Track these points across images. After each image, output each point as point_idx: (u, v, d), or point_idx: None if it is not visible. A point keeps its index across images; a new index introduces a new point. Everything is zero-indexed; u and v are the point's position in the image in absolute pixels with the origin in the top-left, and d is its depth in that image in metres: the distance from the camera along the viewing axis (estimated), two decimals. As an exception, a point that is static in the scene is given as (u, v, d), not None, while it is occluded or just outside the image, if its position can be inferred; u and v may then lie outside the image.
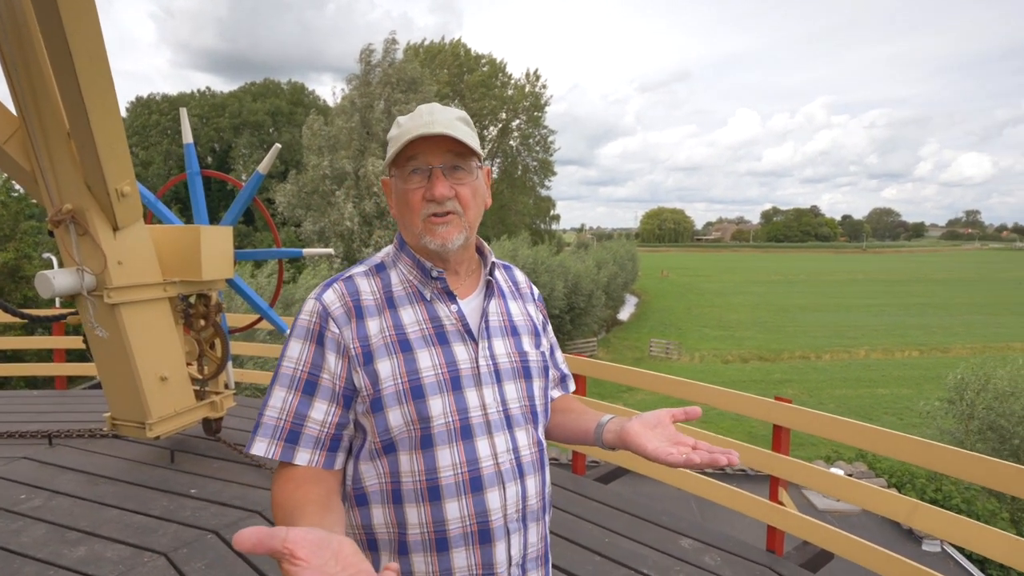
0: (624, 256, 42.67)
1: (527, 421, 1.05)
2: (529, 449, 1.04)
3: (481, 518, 0.97)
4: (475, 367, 1.01)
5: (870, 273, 76.64)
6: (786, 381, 24.31)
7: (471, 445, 0.98)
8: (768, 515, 2.92)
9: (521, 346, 1.09)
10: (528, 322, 1.14)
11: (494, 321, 1.07)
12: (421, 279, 1.04)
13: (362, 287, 1.03)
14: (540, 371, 1.10)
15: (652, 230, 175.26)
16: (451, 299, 1.04)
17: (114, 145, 2.60)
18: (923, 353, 29.31)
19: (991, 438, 10.52)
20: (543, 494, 1.07)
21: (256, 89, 40.28)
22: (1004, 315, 39.81)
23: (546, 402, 1.12)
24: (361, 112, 23.97)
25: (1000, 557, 2.16)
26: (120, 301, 2.86)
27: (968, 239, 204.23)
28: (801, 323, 37.32)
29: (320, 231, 23.49)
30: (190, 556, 2.52)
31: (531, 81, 39.58)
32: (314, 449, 0.97)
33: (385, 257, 1.09)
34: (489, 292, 1.09)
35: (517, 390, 1.05)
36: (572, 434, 1.17)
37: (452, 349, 1.01)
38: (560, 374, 1.28)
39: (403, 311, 1.02)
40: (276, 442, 0.97)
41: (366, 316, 1.00)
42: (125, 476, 3.32)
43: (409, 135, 0.98)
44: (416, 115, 1.02)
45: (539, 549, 1.07)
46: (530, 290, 1.22)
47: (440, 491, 0.96)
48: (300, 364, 0.99)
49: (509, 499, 1.00)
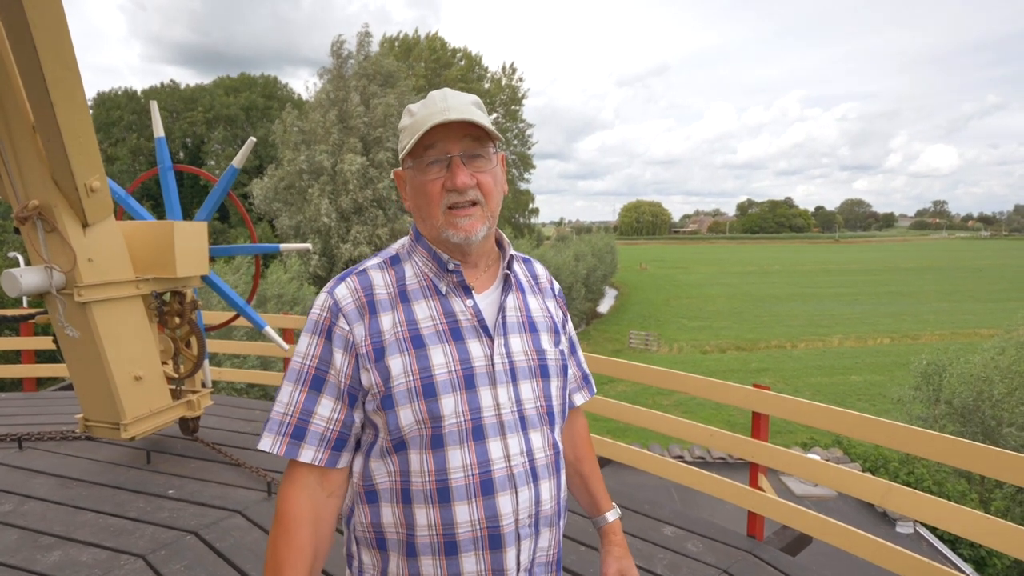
0: (603, 249, 42.98)
1: (543, 423, 1.01)
2: (544, 452, 1.00)
3: (492, 523, 0.94)
4: (490, 365, 0.97)
5: (843, 263, 78.41)
6: (763, 370, 24.79)
7: (483, 446, 0.94)
8: (748, 501, 2.97)
9: (539, 343, 1.04)
10: (547, 318, 1.09)
11: (511, 317, 1.03)
12: (437, 272, 1.00)
13: (376, 281, 1.00)
14: (558, 370, 1.06)
15: (630, 223, 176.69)
16: (467, 293, 1.00)
17: (82, 139, 2.52)
18: (894, 340, 30.15)
19: (963, 420, 10.88)
20: (558, 499, 1.03)
21: (229, 83, 39.44)
22: (970, 302, 41.14)
23: (564, 403, 1.08)
24: (338, 106, 23.62)
25: (969, 534, 2.24)
26: (91, 299, 2.79)
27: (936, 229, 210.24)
28: (777, 313, 38.05)
29: (296, 226, 23.14)
30: (169, 558, 2.48)
31: (508, 75, 39.50)
32: (319, 446, 0.96)
33: (400, 249, 1.06)
34: (507, 286, 1.04)
35: (533, 390, 1.01)
36: (578, 495, 1.26)
37: (467, 346, 0.97)
38: (582, 373, 1.24)
39: (417, 306, 0.98)
40: (282, 438, 0.95)
41: (379, 311, 0.97)
42: (99, 478, 3.24)
43: (426, 124, 0.93)
44: (430, 102, 0.98)
45: (550, 555, 1.04)
46: (550, 284, 1.17)
47: (450, 493, 0.93)
48: (308, 359, 0.97)
49: (521, 504, 0.96)
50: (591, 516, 1.24)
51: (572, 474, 1.23)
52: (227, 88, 38.51)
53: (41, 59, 2.20)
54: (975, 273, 61.88)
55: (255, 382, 5.44)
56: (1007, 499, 9.55)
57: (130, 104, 36.92)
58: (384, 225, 22.86)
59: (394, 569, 0.97)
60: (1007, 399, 10.39)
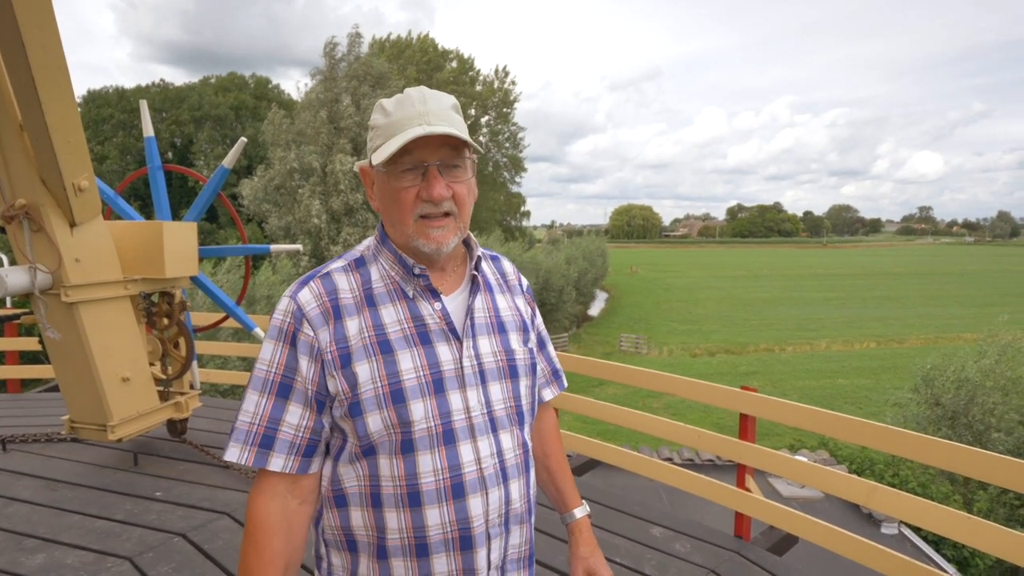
0: (594, 252, 43.09)
1: (512, 423, 1.02)
2: (514, 452, 1.01)
3: (463, 524, 0.95)
4: (459, 368, 0.97)
5: (830, 268, 79.19)
6: (752, 373, 24.96)
7: (454, 450, 0.95)
8: (736, 502, 3.00)
9: (508, 343, 1.04)
10: (516, 316, 1.09)
11: (480, 318, 1.03)
12: (403, 276, 0.99)
13: (340, 284, 0.97)
14: (527, 369, 1.06)
15: (621, 226, 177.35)
16: (435, 297, 0.99)
17: (70, 138, 2.50)
18: (880, 344, 30.50)
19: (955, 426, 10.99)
20: (528, 496, 1.04)
21: (219, 82, 39.18)
22: (954, 307, 41.70)
23: (533, 401, 1.09)
24: (328, 107, 23.55)
25: (952, 534, 2.28)
26: (78, 300, 2.76)
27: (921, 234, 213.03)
28: (765, 317, 38.36)
29: (286, 227, 23.00)
30: (156, 560, 2.46)
31: (500, 77, 39.57)
32: (288, 454, 0.95)
33: (365, 251, 1.03)
34: (475, 287, 1.04)
35: (503, 390, 1.01)
36: (547, 491, 1.26)
37: (435, 349, 0.96)
38: (552, 368, 1.24)
39: (384, 310, 0.97)
40: (249, 448, 0.94)
41: (344, 316, 0.95)
42: (86, 480, 3.21)
43: (407, 132, 0.89)
44: (407, 102, 0.93)
45: (522, 551, 1.05)
46: (518, 281, 1.16)
47: (420, 497, 0.93)
48: (273, 367, 0.95)
49: (492, 504, 0.97)
50: (559, 512, 1.24)
51: (540, 469, 1.23)
52: (216, 87, 38.25)
53: (29, 56, 2.18)
54: (959, 278, 62.77)
55: (242, 384, 5.40)
56: (990, 500, 9.68)
57: (120, 102, 36.57)
58: (374, 227, 22.78)
59: (364, 571, 0.97)
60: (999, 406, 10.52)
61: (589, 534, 1.21)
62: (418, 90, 0.96)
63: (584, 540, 1.20)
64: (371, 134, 0.97)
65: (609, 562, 2.65)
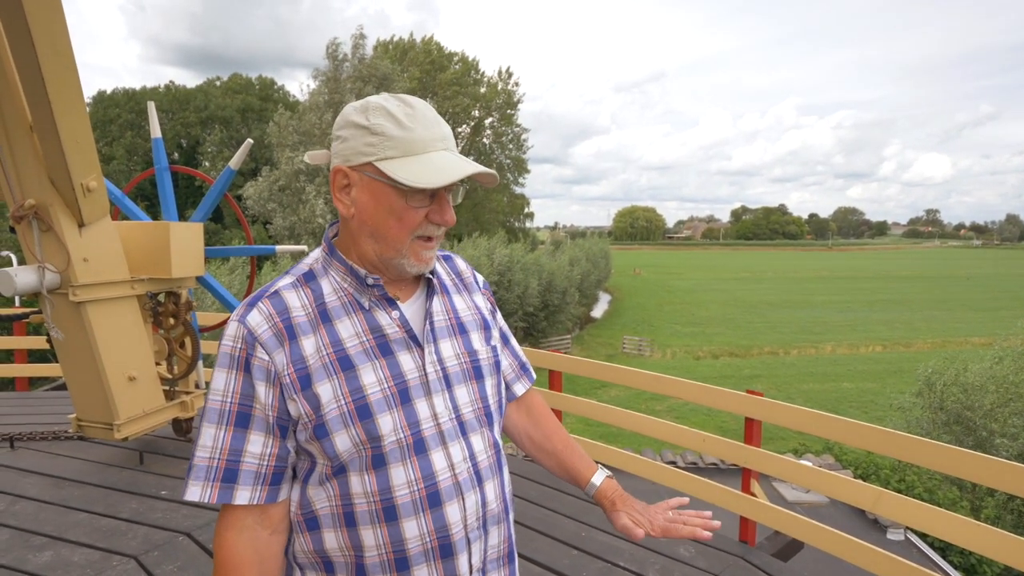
0: (597, 254, 43.06)
1: (481, 424, 1.01)
2: (486, 453, 1.00)
3: (441, 533, 0.93)
4: (423, 375, 0.95)
5: (836, 270, 78.89)
6: (756, 376, 24.87)
7: (426, 459, 0.93)
8: (741, 506, 2.99)
9: (470, 344, 1.03)
10: (476, 316, 1.07)
11: (439, 321, 1.00)
12: (356, 287, 0.95)
13: (291, 303, 0.92)
14: (491, 368, 1.05)
15: (625, 228, 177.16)
16: (391, 305, 0.96)
17: (79, 139, 2.52)
18: (886, 348, 30.33)
19: (956, 430, 10.94)
20: (503, 496, 1.03)
21: (227, 84, 39.39)
22: (961, 311, 41.44)
23: (500, 399, 1.07)
24: (334, 108, 23.65)
25: (961, 541, 2.26)
26: (86, 299, 2.78)
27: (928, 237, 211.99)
28: (770, 319, 38.22)
29: (291, 228, 23.12)
30: (161, 559, 2.47)
31: (504, 79, 39.63)
32: (255, 485, 0.90)
33: (314, 264, 0.98)
34: (431, 291, 1.02)
35: (469, 393, 0.99)
36: (559, 474, 1.20)
37: (397, 360, 0.94)
38: (518, 363, 1.22)
39: (340, 324, 0.93)
40: (212, 484, 0.89)
41: (299, 335, 0.90)
42: (92, 479, 3.23)
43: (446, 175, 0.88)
44: (419, 117, 0.91)
45: (501, 550, 1.04)
46: (474, 278, 1.14)
47: (396, 511, 0.91)
48: (228, 396, 0.90)
49: (469, 509, 0.96)
50: (580, 487, 1.18)
51: (545, 455, 1.21)
52: (223, 89, 38.47)
53: (40, 58, 2.20)
54: (967, 282, 62.41)
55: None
56: (998, 507, 9.61)
57: (128, 103, 36.84)
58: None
59: None
60: (1001, 410, 10.45)
61: (618, 492, 1.14)
62: (425, 104, 0.94)
63: (615, 498, 1.12)
64: (372, 139, 0.90)
65: (613, 567, 2.65)
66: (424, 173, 0.88)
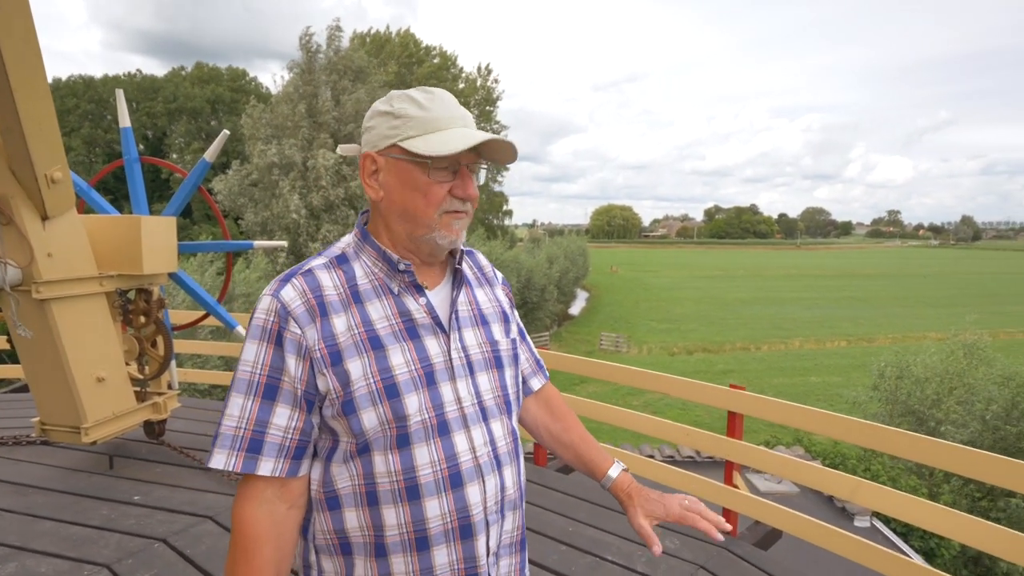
0: (575, 252, 43.33)
1: (501, 412, 1.04)
2: (505, 440, 1.03)
3: (462, 514, 0.95)
4: (448, 360, 0.98)
5: (803, 268, 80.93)
6: (728, 371, 25.37)
7: (448, 441, 0.95)
8: (723, 498, 3.03)
9: (491, 335, 1.06)
10: (497, 309, 1.11)
11: (463, 311, 1.04)
12: (388, 272, 0.99)
13: (324, 281, 0.96)
14: (511, 359, 1.09)
15: (602, 226, 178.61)
16: (420, 292, 1.00)
17: (43, 128, 2.39)
18: (850, 343, 31.27)
19: (910, 421, 11.38)
20: (519, 483, 1.06)
21: (194, 74, 38.28)
22: (920, 307, 42.96)
23: (518, 390, 1.11)
24: (307, 100, 23.19)
25: (928, 524, 2.36)
26: (51, 296, 2.65)
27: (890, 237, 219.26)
28: (741, 316, 39.01)
29: (263, 223, 22.59)
30: (136, 567, 2.38)
31: (483, 75, 39.42)
32: (278, 457, 0.92)
33: (346, 248, 1.02)
34: (458, 282, 1.06)
35: (490, 381, 1.03)
36: (576, 466, 1.23)
37: (424, 343, 0.97)
38: (534, 359, 1.26)
39: (370, 306, 0.96)
40: (236, 453, 0.91)
41: (331, 313, 0.93)
42: (58, 485, 3.09)
43: (468, 134, 0.94)
44: (438, 100, 0.96)
45: (514, 536, 1.06)
46: (494, 274, 1.19)
47: (419, 490, 0.93)
48: (258, 368, 0.92)
49: (489, 492, 0.98)
50: (596, 479, 1.20)
51: (563, 447, 1.23)
52: (192, 79, 37.38)
53: (1, 42, 2.08)
54: (924, 280, 64.70)
55: (223, 383, 5.28)
56: (953, 492, 10.03)
57: (87, 92, 35.48)
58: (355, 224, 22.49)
59: (361, 572, 0.96)
60: (946, 398, 10.89)
61: (634, 486, 1.14)
62: (445, 92, 0.99)
63: (632, 492, 1.13)
64: (395, 122, 0.96)
65: (601, 560, 2.65)
66: (441, 145, 0.93)
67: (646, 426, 3.35)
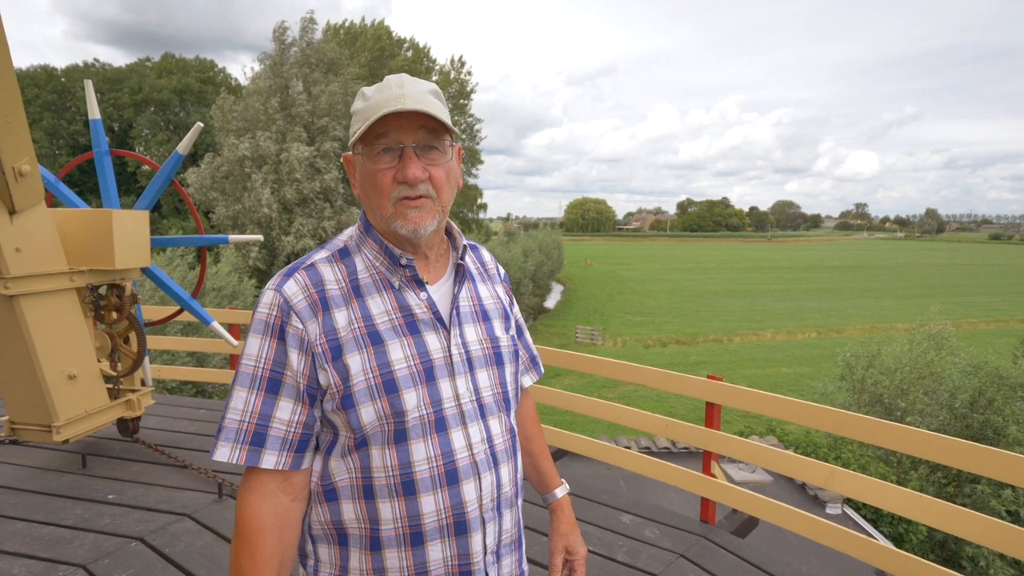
0: (550, 245, 43.48)
1: (500, 409, 1.04)
2: (502, 437, 1.03)
3: (457, 510, 0.95)
4: (447, 356, 0.98)
5: (774, 261, 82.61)
6: (701, 363, 25.80)
7: (446, 437, 0.95)
8: (702, 488, 3.10)
9: (492, 331, 1.06)
10: (498, 305, 1.11)
11: (465, 307, 1.04)
12: (389, 266, 0.99)
13: (326, 276, 0.96)
14: (511, 356, 1.08)
15: (576, 220, 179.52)
16: (420, 287, 0.99)
17: (9, 119, 2.31)
18: (821, 334, 32.06)
19: (878, 410, 11.75)
20: (516, 480, 1.06)
21: (161, 64, 37.11)
22: (887, 298, 44.27)
23: (517, 387, 1.11)
24: (279, 93, 22.72)
25: (899, 509, 2.46)
26: (19, 292, 2.57)
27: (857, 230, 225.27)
28: (714, 308, 39.67)
29: (234, 217, 22.11)
30: (113, 567, 2.33)
31: (456, 68, 39.10)
32: (281, 450, 0.93)
33: (349, 241, 1.02)
34: (460, 277, 1.05)
35: (490, 377, 1.03)
36: (529, 475, 1.27)
37: (424, 339, 0.97)
38: (530, 356, 1.26)
39: (371, 300, 0.96)
40: (240, 446, 0.91)
41: (333, 308, 0.94)
42: (30, 485, 3.01)
43: (379, 111, 0.90)
44: (384, 87, 0.95)
45: (513, 534, 1.07)
46: (497, 270, 1.18)
47: (415, 485, 0.93)
48: (261, 362, 0.93)
49: (485, 489, 0.98)
50: (541, 493, 1.27)
51: (525, 453, 1.25)
52: (159, 69, 36.24)
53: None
54: (892, 271, 66.69)
55: (195, 380, 5.17)
56: (921, 479, 10.40)
57: (49, 82, 34.14)
58: (331, 218, 22.18)
59: (356, 564, 0.96)
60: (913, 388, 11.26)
61: (569, 512, 1.24)
62: (397, 76, 0.96)
63: (565, 518, 1.23)
64: (354, 119, 0.97)
65: (583, 550, 2.70)
66: (359, 131, 0.94)
67: (627, 418, 3.40)
